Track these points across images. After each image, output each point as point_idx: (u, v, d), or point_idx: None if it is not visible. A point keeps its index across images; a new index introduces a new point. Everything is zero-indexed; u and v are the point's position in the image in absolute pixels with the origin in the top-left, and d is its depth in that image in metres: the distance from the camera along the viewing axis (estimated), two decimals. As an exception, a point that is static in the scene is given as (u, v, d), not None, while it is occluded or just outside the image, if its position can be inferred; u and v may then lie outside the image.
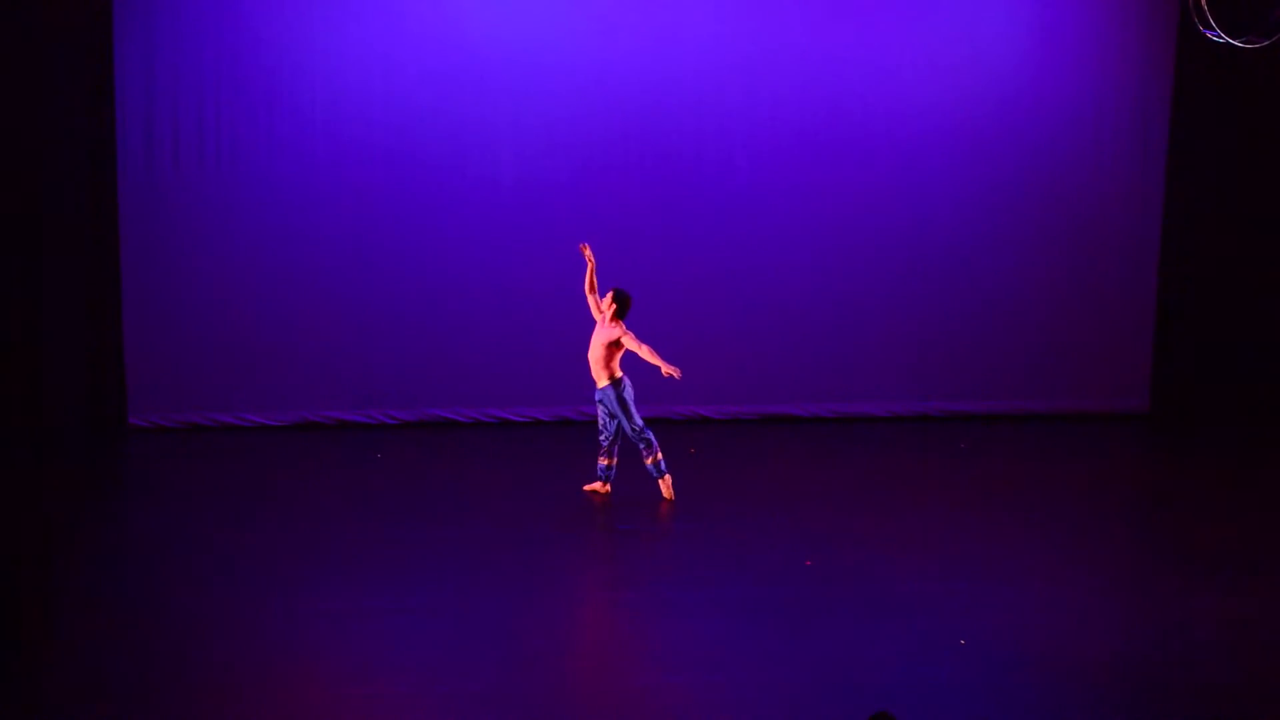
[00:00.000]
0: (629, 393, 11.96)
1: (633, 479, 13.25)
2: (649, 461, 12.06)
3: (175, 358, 14.66)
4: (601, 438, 12.15)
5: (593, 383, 12.08)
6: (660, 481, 12.15)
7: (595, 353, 11.94)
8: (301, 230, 14.76)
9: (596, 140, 15.08)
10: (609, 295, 11.93)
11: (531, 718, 8.02)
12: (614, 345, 11.86)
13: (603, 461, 12.20)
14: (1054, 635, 9.38)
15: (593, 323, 12.27)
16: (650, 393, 15.36)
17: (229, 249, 14.69)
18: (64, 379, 13.87)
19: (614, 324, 11.87)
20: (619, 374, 11.94)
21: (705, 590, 10.08)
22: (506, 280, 15.08)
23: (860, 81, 15.33)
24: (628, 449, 12.40)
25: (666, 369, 11.71)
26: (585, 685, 8.48)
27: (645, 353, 11.70)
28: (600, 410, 12.09)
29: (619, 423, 11.95)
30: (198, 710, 8.02)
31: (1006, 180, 15.68)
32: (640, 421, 11.94)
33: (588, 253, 12.27)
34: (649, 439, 11.98)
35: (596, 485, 12.33)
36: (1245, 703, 8.31)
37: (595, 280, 12.30)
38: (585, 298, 12.36)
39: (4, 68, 8.41)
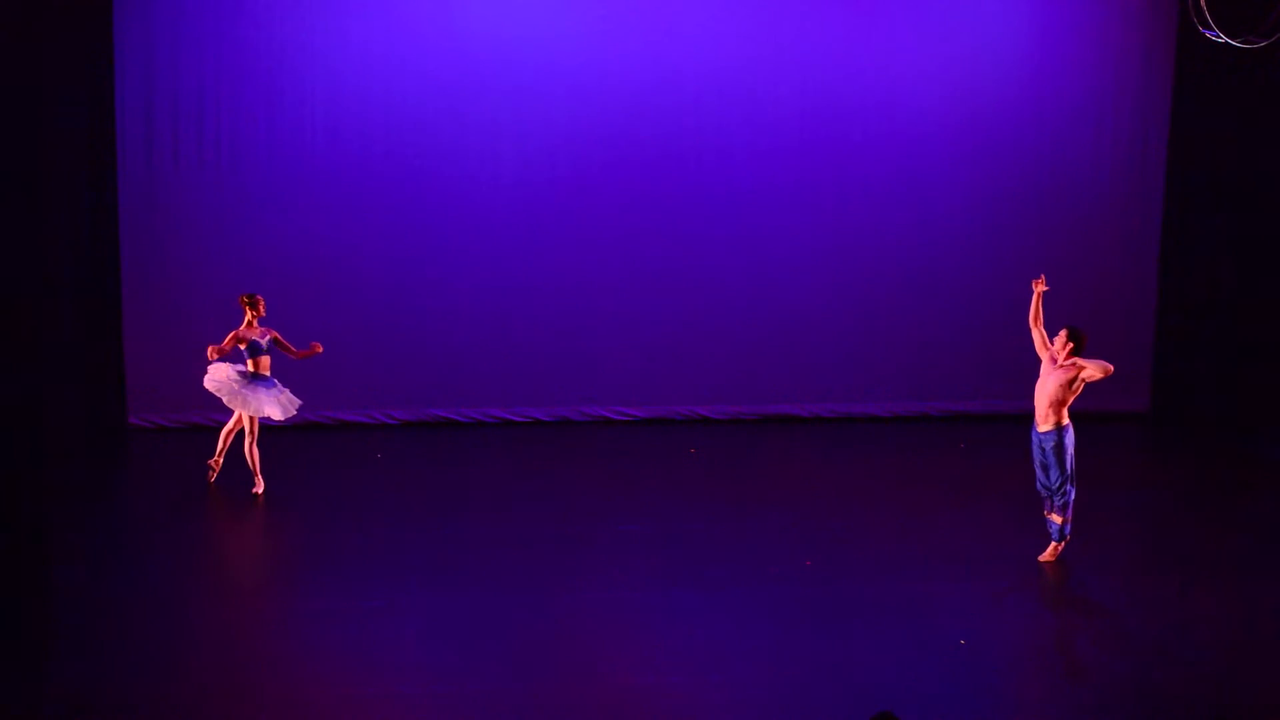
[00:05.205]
0: (1070, 439, 10.54)
1: (634, 479, 13.24)
2: (1053, 517, 10.66)
3: (175, 358, 14.63)
4: (1041, 489, 10.72)
5: (1033, 421, 10.74)
6: (1052, 545, 10.71)
7: (1051, 393, 10.54)
8: (301, 230, 14.76)
9: (597, 141, 15.07)
10: (1062, 335, 10.60)
11: (531, 718, 8.02)
12: (1071, 387, 10.52)
13: (1055, 519, 10.66)
14: (1054, 635, 9.39)
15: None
16: (652, 393, 15.45)
17: (229, 249, 14.69)
18: (64, 379, 13.86)
19: (1070, 363, 10.53)
20: (1066, 420, 10.55)
21: (705, 590, 10.08)
22: (507, 280, 15.08)
23: (861, 82, 15.34)
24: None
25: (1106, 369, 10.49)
26: (585, 685, 8.48)
27: (1098, 368, 10.49)
28: (1036, 454, 10.68)
29: (1051, 471, 10.55)
30: (198, 710, 8.03)
31: (1007, 180, 15.69)
32: (1069, 473, 10.50)
33: (1039, 286, 10.85)
34: (1067, 500, 10.56)
35: (1049, 551, 10.75)
36: (1245, 703, 8.32)
37: (1040, 311, 10.83)
38: (1029, 329, 10.91)
39: (4, 67, 8.40)
